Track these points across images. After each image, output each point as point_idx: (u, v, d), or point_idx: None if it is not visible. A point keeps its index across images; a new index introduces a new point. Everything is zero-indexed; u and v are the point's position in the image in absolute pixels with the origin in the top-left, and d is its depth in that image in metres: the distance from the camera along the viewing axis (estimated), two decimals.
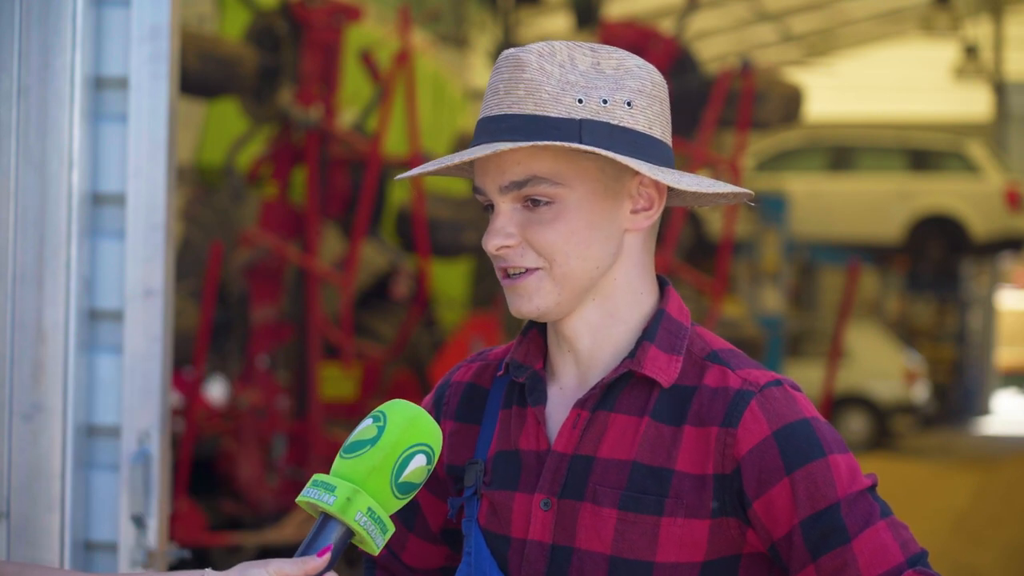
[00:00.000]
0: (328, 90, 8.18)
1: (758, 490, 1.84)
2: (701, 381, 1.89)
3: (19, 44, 3.22)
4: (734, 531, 1.87)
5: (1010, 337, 27.72)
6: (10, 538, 3.22)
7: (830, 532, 1.83)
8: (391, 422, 1.75)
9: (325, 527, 1.74)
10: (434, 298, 9.75)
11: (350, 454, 1.75)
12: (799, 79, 10.95)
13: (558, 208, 1.87)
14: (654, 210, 1.92)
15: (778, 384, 1.88)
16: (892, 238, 18.21)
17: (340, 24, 8.20)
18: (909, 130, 19.95)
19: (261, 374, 8.02)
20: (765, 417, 1.85)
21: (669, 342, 1.91)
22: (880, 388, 17.45)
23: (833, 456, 1.85)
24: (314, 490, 1.74)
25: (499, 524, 1.94)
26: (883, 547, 1.84)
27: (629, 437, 1.88)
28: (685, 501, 1.85)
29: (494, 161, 1.88)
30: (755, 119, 9.39)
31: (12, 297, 3.23)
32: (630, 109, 1.87)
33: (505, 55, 1.88)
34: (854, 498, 1.84)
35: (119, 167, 3.28)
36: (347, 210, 8.47)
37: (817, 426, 1.87)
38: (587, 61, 1.88)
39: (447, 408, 2.04)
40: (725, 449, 1.85)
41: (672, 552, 1.86)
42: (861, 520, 1.84)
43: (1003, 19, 21.88)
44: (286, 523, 7.48)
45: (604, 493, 1.87)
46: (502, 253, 1.88)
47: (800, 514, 1.84)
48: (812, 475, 1.84)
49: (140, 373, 3.27)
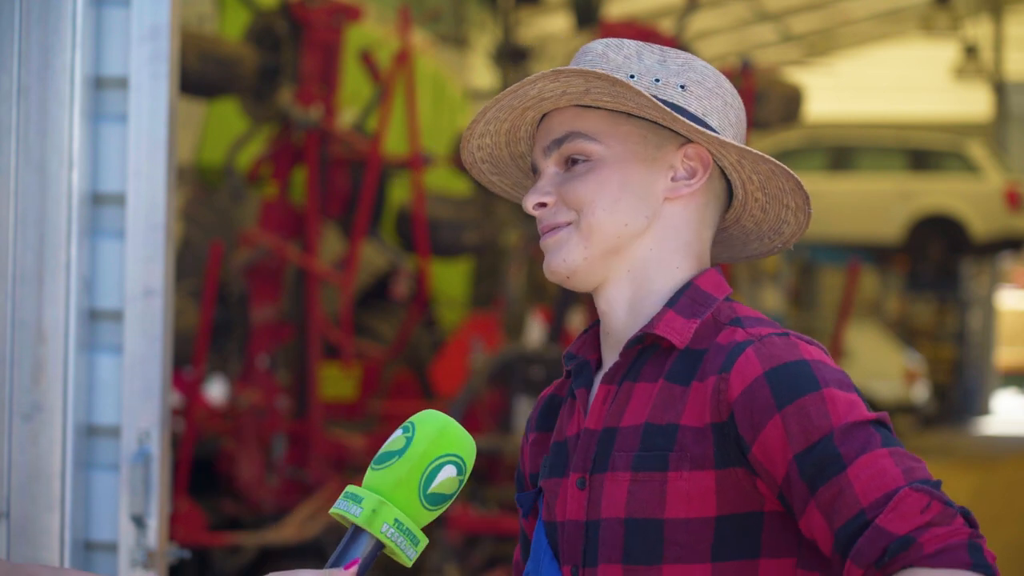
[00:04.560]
0: (328, 90, 8.18)
1: (753, 433, 1.76)
2: (714, 340, 1.84)
3: (19, 44, 3.22)
4: (744, 482, 1.78)
5: (1010, 337, 27.72)
6: (10, 538, 3.22)
7: (825, 462, 1.71)
8: (419, 433, 1.74)
9: (354, 539, 1.72)
10: (434, 298, 9.75)
11: (379, 466, 1.74)
12: (799, 79, 10.95)
13: (592, 164, 1.88)
14: (696, 179, 1.89)
15: (783, 335, 1.82)
16: (892, 238, 18.21)
17: (340, 24, 8.20)
18: (909, 130, 19.95)
19: (261, 374, 8.02)
20: (759, 359, 1.78)
21: (690, 309, 1.86)
22: (880, 388, 17.46)
23: (829, 389, 1.75)
24: (344, 502, 1.73)
25: (549, 512, 1.93)
26: (882, 471, 1.70)
27: (645, 402, 1.85)
28: (689, 454, 1.79)
29: (543, 130, 1.91)
30: (755, 119, 9.37)
31: (12, 297, 3.23)
32: (683, 91, 1.89)
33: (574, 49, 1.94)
34: (850, 427, 1.72)
35: (119, 167, 3.28)
36: (347, 210, 8.47)
37: (816, 367, 1.78)
38: (654, 57, 1.90)
39: (531, 422, 2.05)
40: (720, 395, 1.78)
41: (681, 507, 1.79)
42: (858, 447, 1.71)
43: (1003, 19, 21.88)
44: (286, 523, 7.47)
45: (620, 458, 1.84)
46: (539, 213, 1.90)
47: (794, 448, 1.73)
48: (804, 408, 1.73)
49: (140, 373, 3.27)
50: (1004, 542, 10.46)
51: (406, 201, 9.02)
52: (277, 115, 8.08)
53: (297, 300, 8.29)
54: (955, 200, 17.88)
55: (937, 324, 21.94)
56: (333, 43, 8.19)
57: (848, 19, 21.44)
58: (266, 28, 8.10)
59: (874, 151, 18.82)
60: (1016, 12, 21.76)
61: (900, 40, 22.57)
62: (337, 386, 8.75)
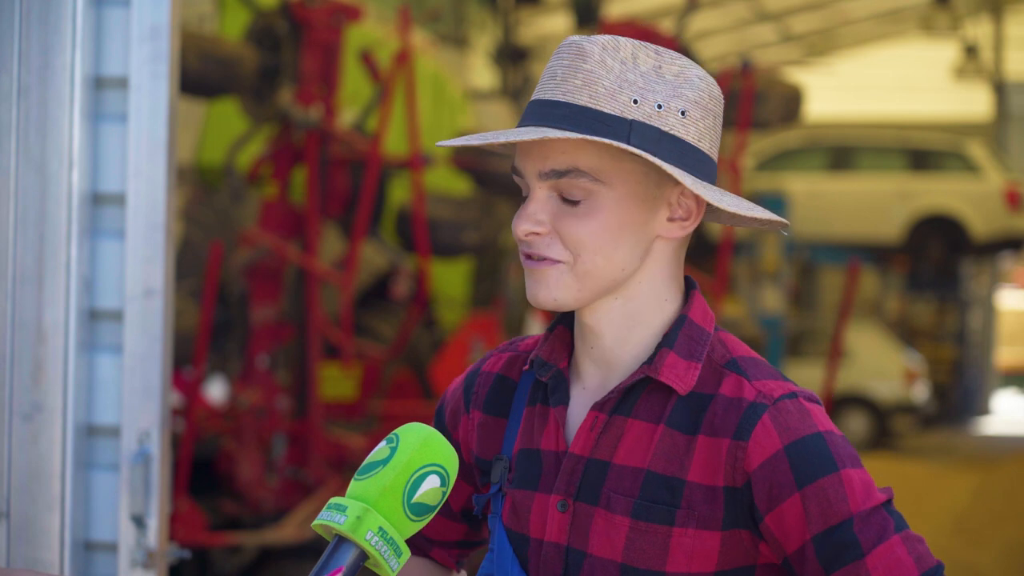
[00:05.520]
0: (328, 90, 8.18)
1: (769, 505, 1.82)
2: (718, 390, 1.86)
3: (19, 44, 3.22)
4: (747, 543, 1.85)
5: (1010, 337, 27.73)
6: (10, 538, 3.22)
7: (843, 548, 1.80)
8: (403, 443, 1.74)
9: (338, 549, 1.72)
10: (434, 298, 9.75)
11: (363, 476, 1.74)
12: (799, 79, 10.95)
13: (593, 204, 1.84)
14: (691, 221, 1.89)
15: (792, 397, 1.85)
16: (892, 238, 18.21)
17: (340, 24, 8.20)
18: (909, 130, 19.95)
19: (261, 374, 8.02)
20: (777, 431, 1.82)
21: (689, 348, 1.88)
22: (880, 388, 17.46)
23: (846, 471, 1.82)
24: (327, 512, 1.73)
25: (519, 523, 1.94)
26: (897, 562, 1.80)
27: (644, 444, 1.87)
28: (697, 512, 1.83)
29: (538, 146, 1.85)
30: (755, 119, 9.40)
31: (12, 297, 3.23)
32: (683, 119, 1.85)
33: (569, 41, 1.85)
34: (868, 513, 1.81)
35: (119, 167, 3.28)
36: (347, 210, 8.47)
37: (831, 440, 1.83)
38: (650, 63, 1.85)
39: (476, 398, 2.03)
40: (736, 462, 1.83)
41: (683, 563, 1.84)
42: (875, 535, 1.80)
43: (1003, 19, 21.89)
44: (286, 523, 7.47)
45: (617, 500, 1.86)
46: (530, 239, 1.86)
47: (812, 529, 1.81)
48: (824, 490, 1.81)
49: (140, 373, 3.27)
50: (1004, 542, 10.46)
51: (406, 201, 9.02)
52: (277, 115, 8.09)
53: (297, 300, 8.29)
54: (955, 200, 17.88)
55: (937, 324, 21.94)
56: (333, 43, 8.19)
57: (848, 19, 21.44)
58: (266, 28, 8.10)
59: (874, 151, 18.82)
60: (1016, 12, 21.76)
61: (900, 40, 22.57)
62: (337, 386, 8.75)
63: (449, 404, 2.07)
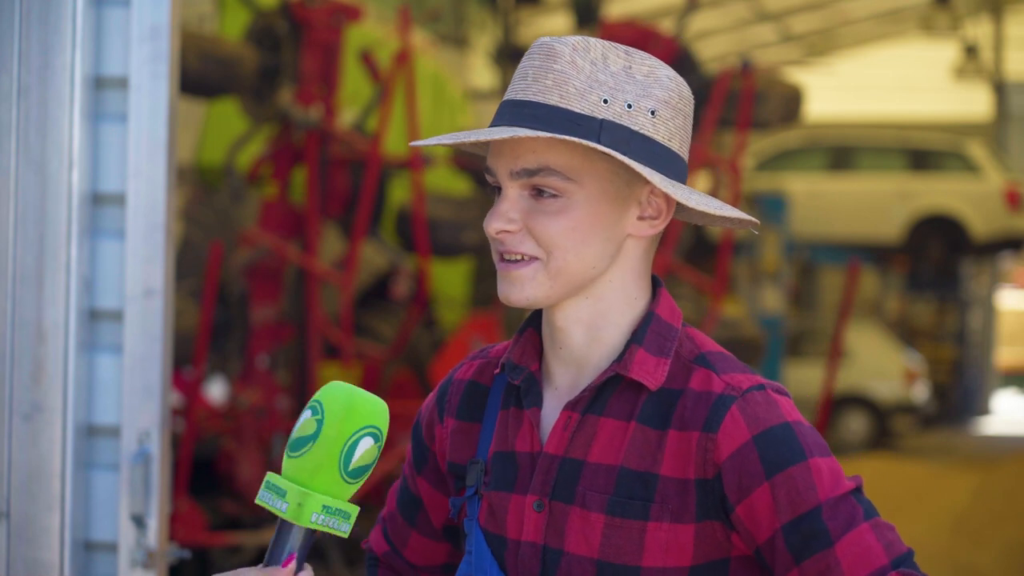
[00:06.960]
0: (328, 90, 8.18)
1: (739, 495, 1.84)
2: (687, 384, 1.88)
3: (19, 44, 3.22)
4: (720, 535, 1.87)
5: (1010, 337, 27.73)
6: (10, 538, 3.22)
7: (812, 536, 1.82)
8: (328, 413, 1.72)
9: (285, 532, 1.72)
10: (434, 298, 9.75)
11: (295, 453, 1.72)
12: (799, 79, 10.95)
13: (565, 202, 1.86)
14: (660, 220, 1.91)
15: (760, 388, 1.87)
16: (892, 238, 18.21)
17: (340, 24, 8.20)
18: (909, 130, 19.95)
19: (261, 374, 8.02)
20: (745, 422, 1.84)
21: (658, 345, 1.90)
22: (880, 388, 17.45)
23: (815, 459, 1.84)
24: (267, 494, 1.72)
25: (496, 525, 1.95)
26: (867, 549, 1.82)
27: (617, 442, 1.89)
28: (670, 506, 1.85)
29: (509, 145, 1.87)
30: (755, 119, 9.39)
31: (12, 297, 3.23)
32: (653, 118, 1.86)
33: (540, 42, 1.87)
34: (836, 501, 1.83)
35: (119, 167, 3.28)
36: (347, 210, 8.48)
37: (799, 430, 1.85)
38: (620, 63, 1.87)
39: (449, 406, 2.04)
40: (706, 454, 1.85)
41: (658, 557, 1.86)
42: (844, 523, 1.82)
43: (1003, 19, 21.88)
44: None
45: (592, 498, 1.88)
46: (501, 237, 1.87)
47: (781, 518, 1.83)
48: (792, 479, 1.82)
49: (140, 373, 3.27)
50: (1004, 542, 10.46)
51: (406, 201, 9.02)
52: (277, 115, 8.09)
53: (297, 300, 8.29)
54: (955, 200, 17.88)
55: (937, 324, 21.93)
56: (333, 43, 8.20)
57: (848, 19, 21.44)
58: (266, 28, 8.10)
59: (874, 151, 18.82)
60: (1016, 12, 21.76)
61: (900, 40, 22.56)
62: None
63: (424, 419, 2.09)
